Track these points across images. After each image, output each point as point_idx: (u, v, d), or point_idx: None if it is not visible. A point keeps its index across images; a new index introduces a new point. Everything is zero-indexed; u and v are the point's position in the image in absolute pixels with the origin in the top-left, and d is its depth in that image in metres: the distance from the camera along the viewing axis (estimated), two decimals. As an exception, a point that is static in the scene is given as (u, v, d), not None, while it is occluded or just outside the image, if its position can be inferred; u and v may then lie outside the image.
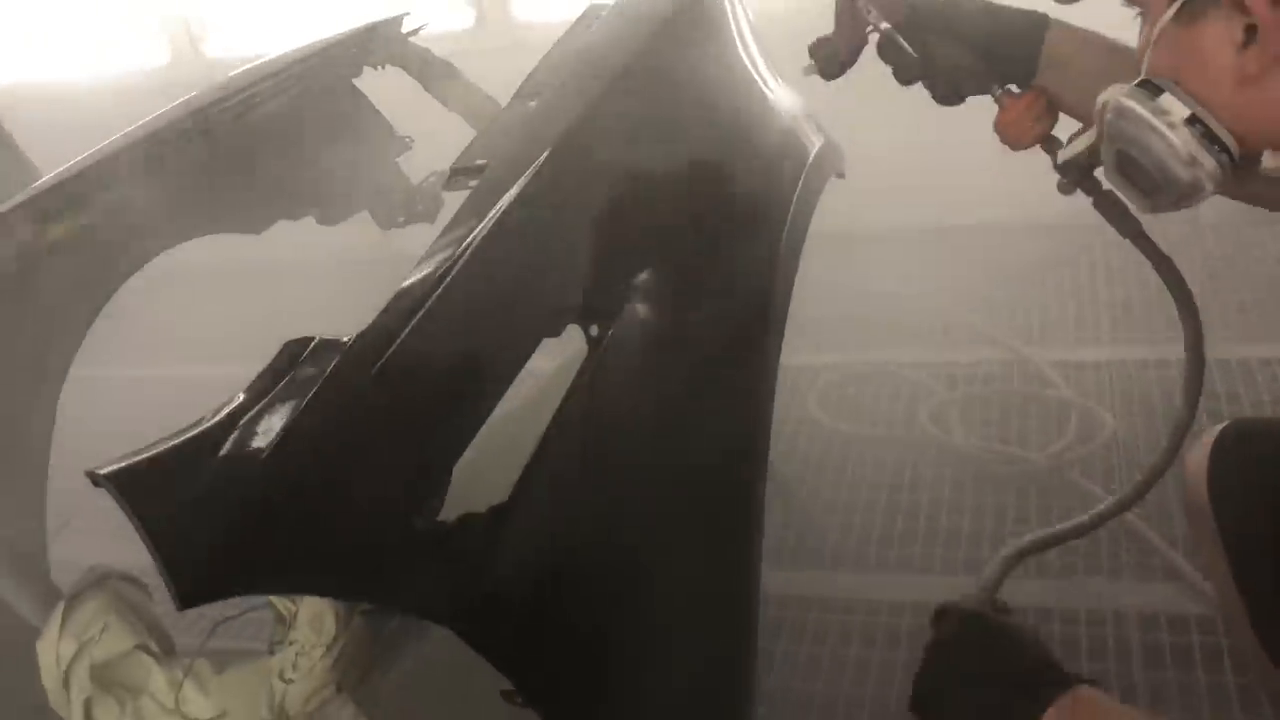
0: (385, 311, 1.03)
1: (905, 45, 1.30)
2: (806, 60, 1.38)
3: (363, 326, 1.02)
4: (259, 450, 0.86)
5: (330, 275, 3.88)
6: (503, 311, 1.14)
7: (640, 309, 1.30)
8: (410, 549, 0.94)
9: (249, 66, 2.22)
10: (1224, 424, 1.39)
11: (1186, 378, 1.33)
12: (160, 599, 1.45)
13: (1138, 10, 1.05)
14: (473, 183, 1.36)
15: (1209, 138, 0.96)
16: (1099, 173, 1.21)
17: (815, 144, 1.82)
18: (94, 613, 1.33)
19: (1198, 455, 1.38)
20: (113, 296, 1.94)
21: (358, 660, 1.24)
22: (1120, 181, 1.08)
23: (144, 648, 1.33)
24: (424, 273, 1.09)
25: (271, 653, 1.30)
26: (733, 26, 1.94)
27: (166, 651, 1.35)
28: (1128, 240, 1.33)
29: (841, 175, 1.94)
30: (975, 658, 1.12)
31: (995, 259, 3.71)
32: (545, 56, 1.78)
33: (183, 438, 0.85)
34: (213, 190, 2.04)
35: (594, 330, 1.21)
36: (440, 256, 1.11)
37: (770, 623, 2.40)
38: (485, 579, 0.99)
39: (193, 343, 4.04)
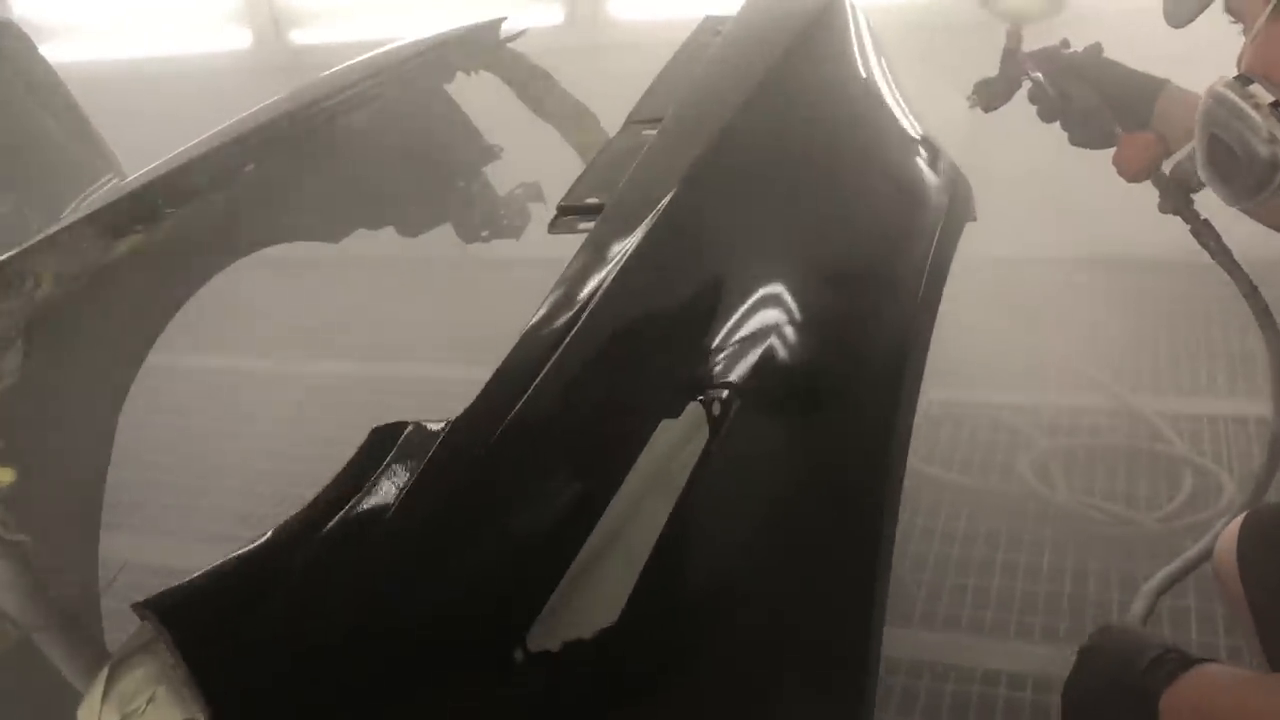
0: (486, 391, 0.88)
1: (1050, 91, 1.69)
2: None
3: (456, 411, 0.87)
4: (332, 578, 0.71)
5: (403, 270, 3.79)
6: (616, 394, 0.98)
7: (769, 380, 1.14)
8: (507, 687, 0.79)
9: (340, 67, 2.09)
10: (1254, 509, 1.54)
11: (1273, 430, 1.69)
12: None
13: (1236, 21, 1.20)
14: (583, 225, 1.22)
15: None
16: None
17: (950, 187, 1.65)
18: (141, 681, 1.19)
19: (1230, 533, 1.52)
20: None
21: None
22: (1210, 173, 1.20)
23: (194, 722, 1.21)
24: (527, 348, 0.94)
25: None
26: (860, 43, 1.77)
27: (219, 726, 1.22)
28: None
29: (974, 219, 1.77)
30: (1106, 660, 1.28)
31: (1106, 297, 3.49)
32: (659, 76, 1.63)
33: (240, 557, 0.70)
34: (294, 200, 1.93)
35: (716, 408, 1.05)
36: (544, 330, 0.95)
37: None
38: (590, 714, 0.84)
39: (255, 334, 3.96)
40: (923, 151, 1.62)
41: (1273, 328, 1.69)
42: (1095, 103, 1.65)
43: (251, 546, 0.72)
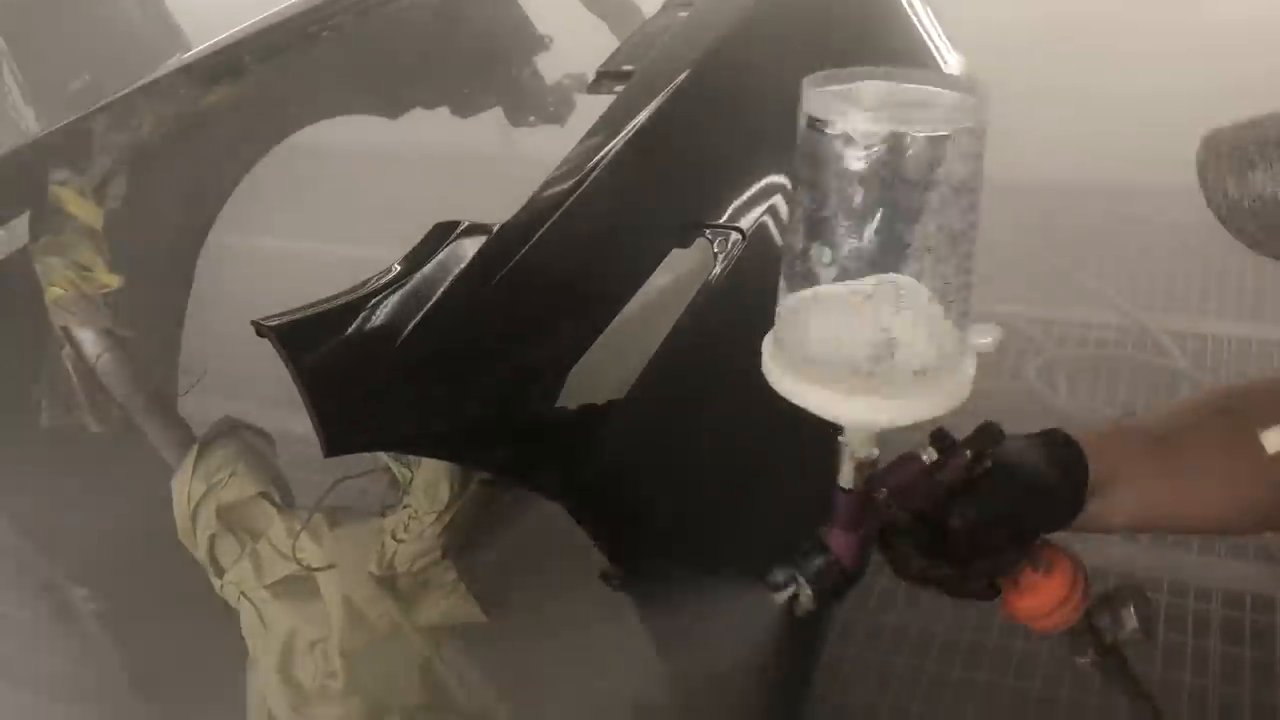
0: (527, 206, 1.07)
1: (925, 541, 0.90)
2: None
3: (504, 218, 1.06)
4: (407, 320, 0.91)
5: (454, 168, 3.95)
6: (638, 218, 1.17)
7: (769, 227, 1.31)
8: (533, 429, 0.98)
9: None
10: None
11: None
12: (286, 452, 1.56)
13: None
14: (618, 88, 1.39)
15: None
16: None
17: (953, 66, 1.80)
18: (224, 459, 1.42)
19: None
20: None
21: (465, 530, 1.31)
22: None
23: (267, 496, 1.42)
24: (567, 170, 1.13)
25: (383, 515, 1.38)
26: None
27: (287, 502, 1.44)
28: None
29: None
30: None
31: (1125, 221, 3.60)
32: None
33: (341, 300, 0.90)
34: (357, 72, 2.10)
35: (719, 246, 1.24)
36: (583, 158, 1.14)
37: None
38: (598, 463, 1.04)
39: (320, 220, 4.16)
40: (930, 40, 1.76)
41: None
42: (994, 540, 0.90)
43: (347, 298, 0.92)
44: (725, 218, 1.29)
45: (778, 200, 1.35)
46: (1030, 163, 3.60)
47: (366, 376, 0.89)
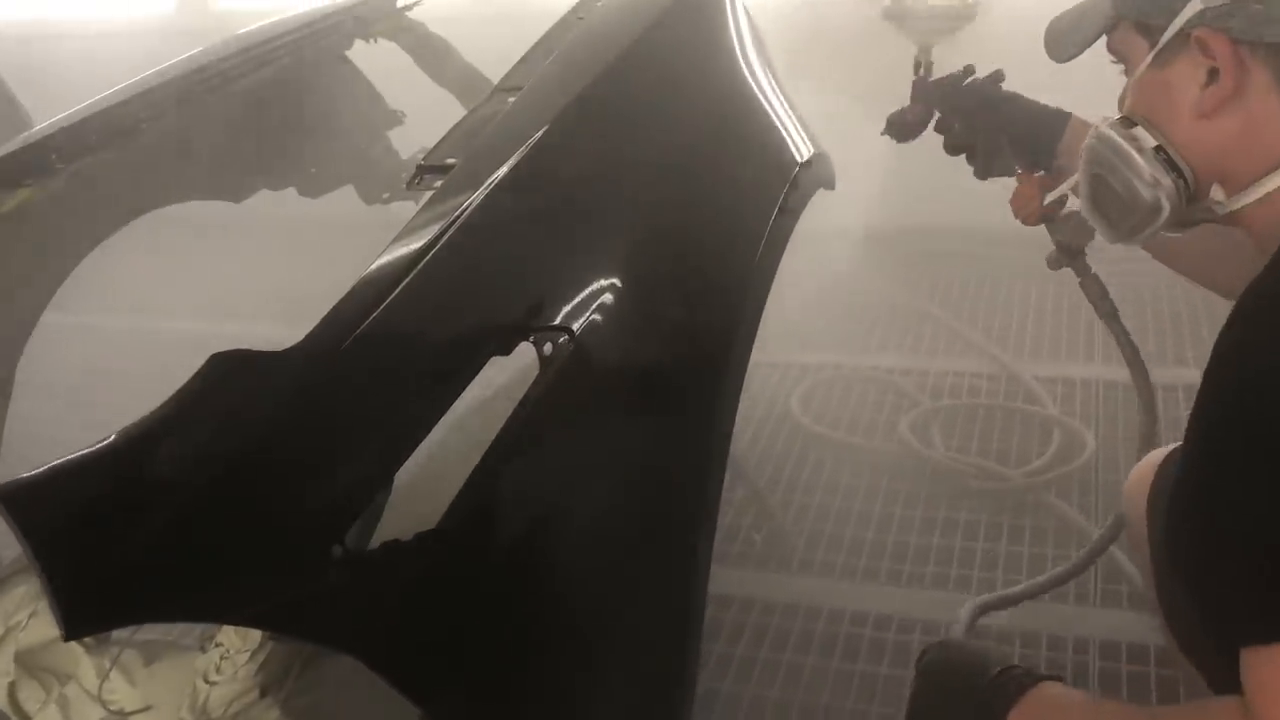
0: (320, 327, 1.00)
1: (957, 125, 1.68)
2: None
3: (295, 339, 0.99)
4: (169, 474, 0.83)
5: (313, 233, 3.85)
6: (449, 330, 1.11)
7: (599, 326, 1.27)
8: (324, 579, 0.91)
9: (240, 32, 2.18)
10: (1171, 447, 1.52)
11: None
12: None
13: (1117, 61, 1.22)
14: (438, 183, 1.33)
15: (1170, 165, 1.11)
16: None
17: (804, 154, 1.78)
18: (23, 598, 1.31)
19: (1143, 472, 1.56)
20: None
21: (285, 667, 1.22)
22: (1093, 211, 1.24)
23: (74, 635, 1.31)
24: (366, 283, 1.06)
25: (203, 649, 1.28)
26: (732, 29, 1.89)
27: (98, 640, 1.33)
28: (1094, 286, 1.73)
29: (831, 187, 1.90)
30: (950, 676, 1.24)
31: (990, 268, 3.68)
32: (532, 48, 1.74)
33: (85, 455, 0.82)
34: (194, 157, 2.01)
35: (547, 348, 1.18)
36: (383, 269, 1.08)
37: (730, 625, 2.39)
38: (404, 610, 0.97)
39: (166, 295, 4.02)
40: (776, 122, 1.74)
41: (1148, 394, 1.74)
42: (1000, 139, 1.63)
43: (92, 452, 0.83)
44: (553, 318, 1.24)
45: (607, 297, 1.30)
46: (900, 208, 3.69)
47: (116, 544, 0.81)
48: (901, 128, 1.75)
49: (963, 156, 1.72)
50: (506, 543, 1.08)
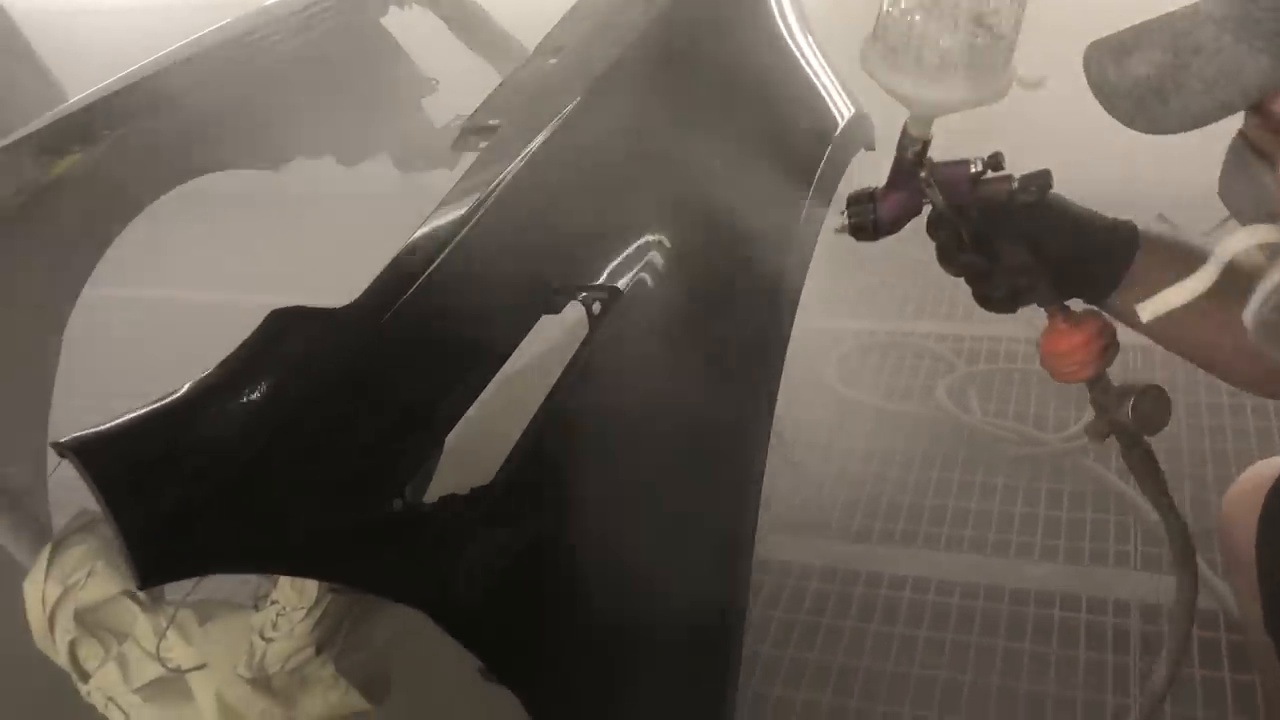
0: (375, 284, 1.00)
1: (963, 234, 1.10)
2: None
3: (353, 294, 0.99)
4: (231, 425, 0.84)
5: (352, 207, 3.86)
6: (500, 288, 1.11)
7: (647, 285, 1.26)
8: (386, 532, 0.92)
9: (275, 1, 2.17)
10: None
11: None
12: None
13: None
14: (482, 144, 1.33)
15: None
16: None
17: (845, 114, 1.77)
18: (81, 557, 1.33)
19: (1245, 489, 1.38)
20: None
21: (339, 623, 1.24)
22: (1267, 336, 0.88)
23: (130, 594, 1.34)
24: (420, 243, 1.06)
25: (256, 607, 1.30)
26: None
27: (153, 598, 1.35)
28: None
29: (871, 147, 1.88)
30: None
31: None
32: (572, 8, 1.73)
33: (154, 408, 0.83)
34: (229, 127, 2.01)
35: (596, 308, 1.18)
36: (437, 227, 1.08)
37: (770, 589, 2.40)
38: (463, 563, 0.98)
39: (210, 268, 4.05)
40: (818, 83, 1.73)
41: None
42: (1031, 263, 1.09)
43: (161, 405, 0.84)
44: (600, 277, 1.24)
45: (654, 256, 1.30)
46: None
47: (185, 496, 0.82)
48: (867, 226, 1.14)
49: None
50: (558, 498, 1.09)
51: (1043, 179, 1.08)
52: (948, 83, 0.99)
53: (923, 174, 1.09)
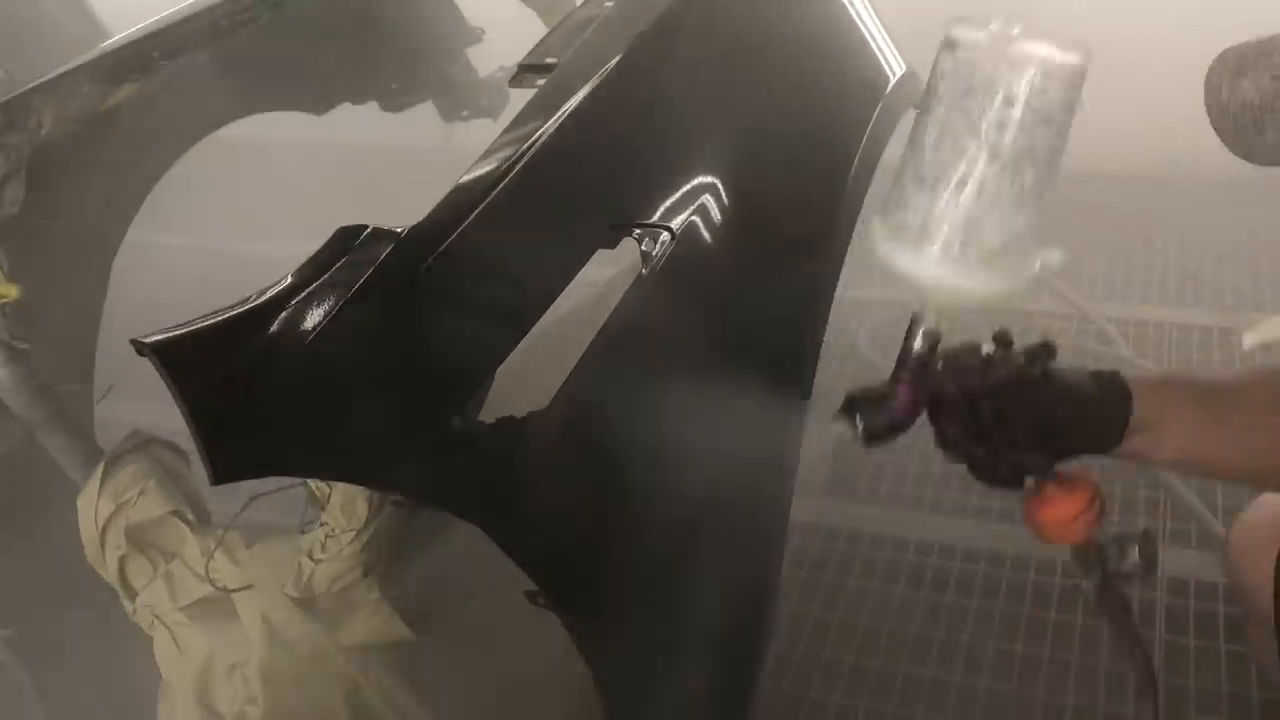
0: (440, 206, 1.01)
1: (969, 422, 1.05)
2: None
3: (417, 218, 1.00)
4: (304, 334, 0.85)
5: (390, 162, 3.87)
6: (559, 219, 1.12)
7: (699, 227, 1.27)
8: (446, 447, 0.93)
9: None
10: None
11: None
12: (199, 468, 1.49)
13: None
14: (540, 81, 1.33)
15: None
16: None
17: (896, 72, 1.76)
18: (133, 476, 1.35)
19: (1251, 535, 1.40)
20: (175, 164, 1.95)
21: (385, 547, 1.25)
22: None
23: (180, 514, 1.36)
24: (482, 170, 1.07)
25: (303, 531, 1.32)
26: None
27: (201, 520, 1.38)
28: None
29: (919, 107, 1.87)
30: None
31: (1061, 207, 3.60)
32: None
33: (229, 314, 0.84)
34: (278, 67, 2.02)
35: (647, 245, 1.19)
36: (500, 156, 1.09)
37: (797, 550, 2.41)
38: (518, 481, 0.99)
39: (248, 217, 4.06)
40: (869, 40, 1.72)
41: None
42: (1029, 438, 1.05)
43: (236, 312, 0.86)
44: (654, 217, 1.24)
45: (707, 199, 1.30)
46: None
47: (258, 396, 0.83)
48: (879, 428, 1.10)
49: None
50: (609, 425, 1.10)
51: (1048, 351, 1.06)
52: (995, 273, 0.98)
53: (936, 361, 1.06)
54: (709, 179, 1.33)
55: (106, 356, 1.80)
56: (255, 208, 4.08)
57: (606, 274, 1.85)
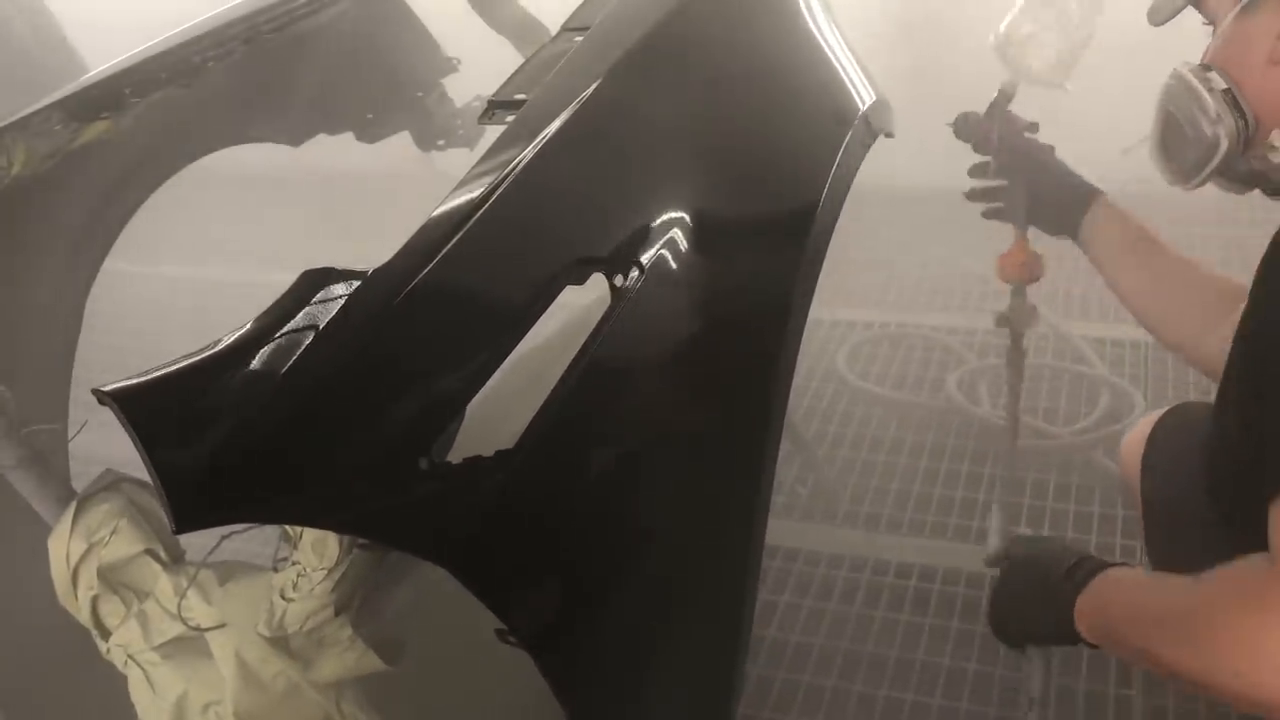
0: (407, 247, 1.02)
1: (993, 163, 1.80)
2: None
3: (385, 258, 1.01)
4: (266, 380, 0.86)
5: (371, 188, 3.88)
6: (528, 256, 1.13)
7: (669, 261, 1.28)
8: (412, 488, 0.93)
9: (298, -25, 2.18)
10: (1167, 409, 1.70)
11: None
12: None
13: (1207, 21, 1.33)
14: (509, 117, 1.34)
15: (1235, 107, 1.24)
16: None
17: (866, 100, 1.78)
18: (105, 515, 1.35)
19: (1138, 433, 1.70)
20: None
21: (358, 585, 1.25)
22: (1159, 150, 1.38)
23: (152, 553, 1.36)
24: (450, 208, 1.08)
25: (275, 569, 1.32)
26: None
27: (174, 558, 1.37)
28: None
29: (890, 134, 1.89)
30: (1030, 569, 1.35)
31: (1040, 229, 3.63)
32: (596, -11, 1.74)
33: (191, 361, 0.84)
34: (252, 100, 2.03)
35: (619, 280, 1.19)
36: (467, 194, 1.09)
37: (777, 575, 2.42)
38: (487, 522, 0.99)
39: (226, 246, 4.07)
40: (839, 70, 1.74)
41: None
42: (1028, 195, 1.75)
43: (199, 357, 0.86)
44: (622, 252, 1.25)
45: (676, 234, 1.31)
46: (947, 167, 3.64)
47: (221, 445, 0.83)
48: (976, 134, 1.79)
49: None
50: (579, 464, 1.10)
51: (1033, 126, 1.78)
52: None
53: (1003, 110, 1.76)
54: (677, 213, 1.34)
55: (81, 387, 1.80)
56: (233, 235, 4.09)
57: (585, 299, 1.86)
